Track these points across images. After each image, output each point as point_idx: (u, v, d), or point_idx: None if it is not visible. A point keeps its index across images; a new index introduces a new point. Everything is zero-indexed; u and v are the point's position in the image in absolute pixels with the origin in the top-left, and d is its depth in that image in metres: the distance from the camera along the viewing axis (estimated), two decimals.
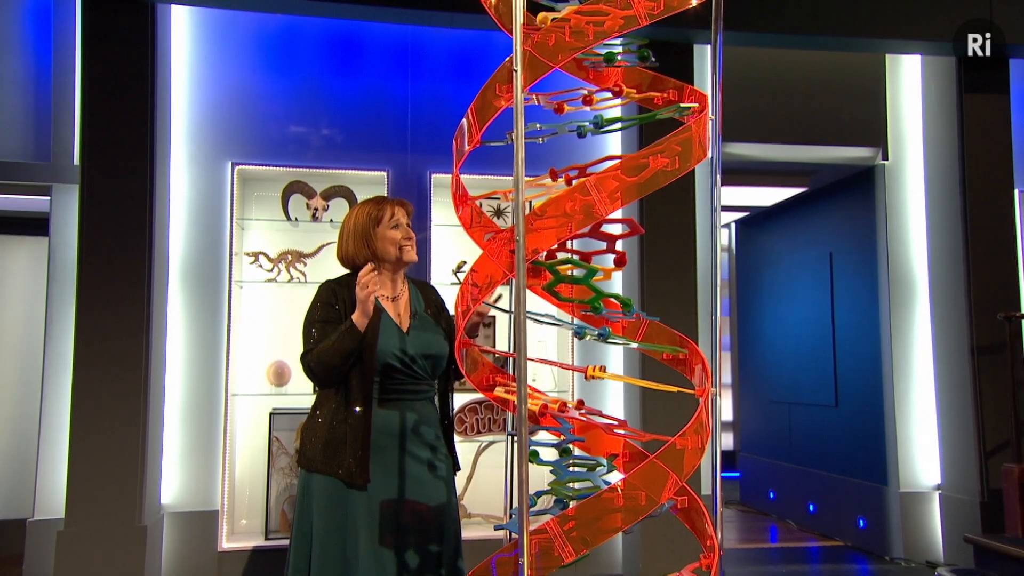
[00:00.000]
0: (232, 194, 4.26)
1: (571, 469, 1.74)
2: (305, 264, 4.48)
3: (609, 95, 2.00)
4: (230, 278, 4.23)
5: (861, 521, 5.27)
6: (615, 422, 1.80)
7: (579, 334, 1.68)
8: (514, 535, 1.92)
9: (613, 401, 4.58)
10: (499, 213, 4.61)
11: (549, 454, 1.81)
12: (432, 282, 4.33)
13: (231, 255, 4.24)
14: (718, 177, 1.75)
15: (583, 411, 1.82)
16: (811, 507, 5.84)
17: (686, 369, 1.86)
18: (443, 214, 4.53)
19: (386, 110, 4.57)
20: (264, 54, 4.50)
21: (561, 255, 1.86)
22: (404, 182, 4.50)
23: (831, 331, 5.63)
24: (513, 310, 1.48)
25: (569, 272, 1.67)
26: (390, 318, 2.46)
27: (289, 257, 4.46)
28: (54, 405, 4.16)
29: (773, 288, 6.47)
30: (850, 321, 5.46)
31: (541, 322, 1.75)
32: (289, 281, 4.42)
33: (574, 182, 1.84)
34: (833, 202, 5.65)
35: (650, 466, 1.52)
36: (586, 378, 1.66)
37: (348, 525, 2.30)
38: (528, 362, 2.47)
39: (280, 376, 4.35)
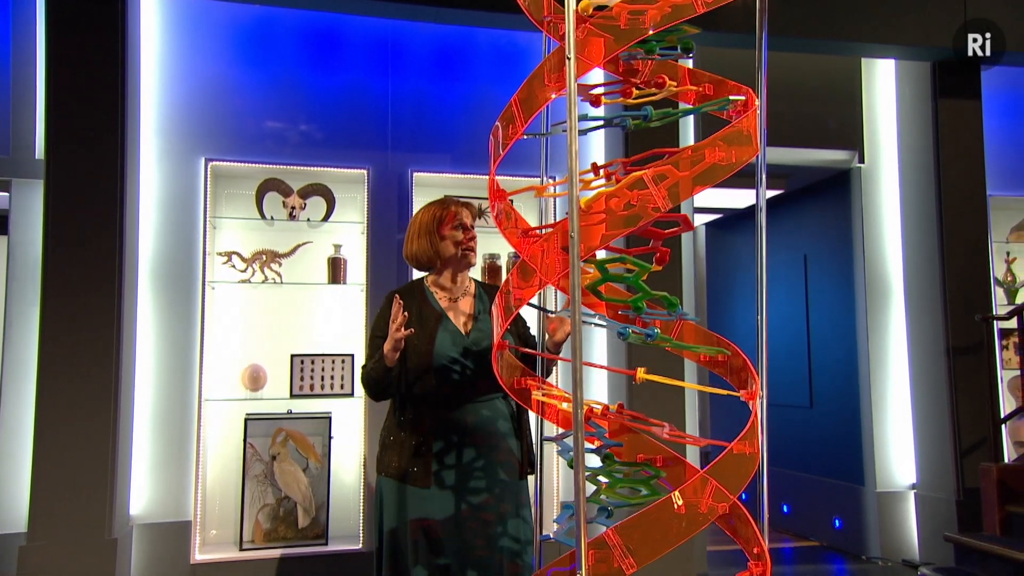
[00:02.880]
0: (206, 191, 4.10)
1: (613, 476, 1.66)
2: (281, 264, 4.33)
3: (625, 88, 1.93)
4: (203, 279, 4.06)
5: (837, 521, 5.32)
6: (663, 426, 1.74)
7: (623, 335, 1.60)
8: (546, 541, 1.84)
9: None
10: (481, 213, 4.52)
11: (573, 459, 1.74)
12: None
13: (204, 255, 4.08)
14: (763, 177, 1.70)
15: (622, 414, 1.76)
16: (785, 508, 5.87)
17: (724, 371, 1.81)
18: None
19: (366, 106, 4.45)
20: (239, 46, 4.34)
21: (600, 253, 1.78)
22: (385, 180, 4.39)
23: (806, 333, 5.68)
24: (571, 312, 1.40)
25: (615, 270, 1.60)
26: (449, 320, 2.49)
27: (264, 257, 4.31)
28: (13, 412, 3.94)
29: (746, 290, 6.50)
30: (825, 323, 5.51)
31: (587, 323, 1.67)
32: (264, 282, 4.27)
33: (612, 177, 1.77)
34: (808, 205, 5.70)
35: (714, 472, 1.45)
36: (635, 381, 1.59)
37: (412, 527, 2.33)
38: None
39: (255, 380, 4.19)
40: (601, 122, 1.66)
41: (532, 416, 2.24)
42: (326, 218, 4.37)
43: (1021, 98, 5.34)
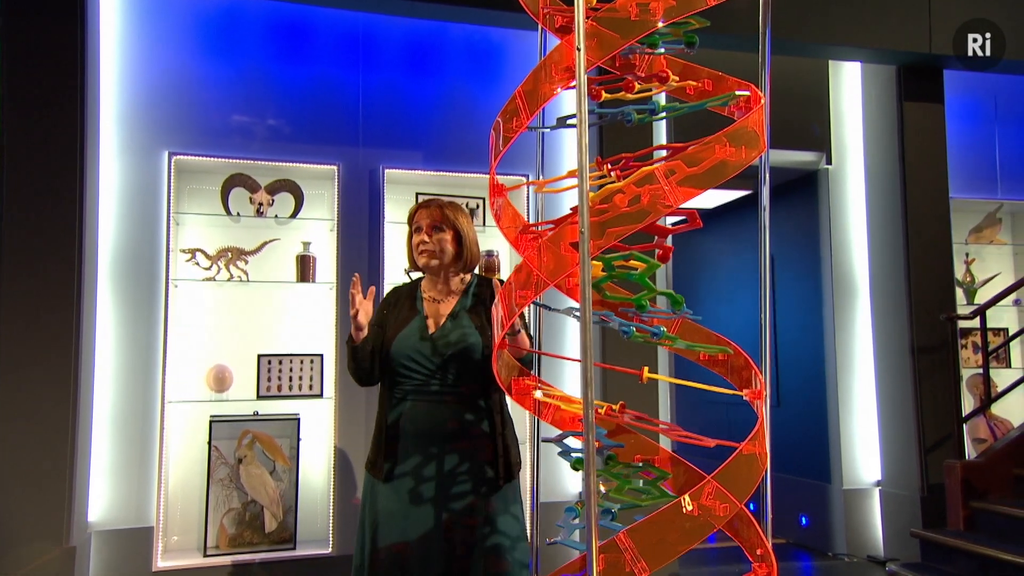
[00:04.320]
0: (169, 186, 3.96)
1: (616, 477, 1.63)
2: (247, 262, 4.22)
3: (627, 82, 1.90)
4: (167, 277, 3.93)
5: (803, 519, 5.38)
6: (665, 426, 1.71)
7: (627, 334, 1.57)
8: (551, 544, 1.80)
9: None
10: (472, 213, 4.46)
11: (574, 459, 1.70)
12: (384, 282, 4.16)
13: (168, 252, 3.94)
14: (767, 175, 1.69)
15: (623, 414, 1.72)
16: (752, 505, 5.91)
17: (724, 370, 1.79)
18: (397, 211, 4.35)
19: (336, 100, 4.36)
20: (205, 36, 4.21)
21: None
22: (356, 177, 4.30)
23: (773, 332, 5.73)
24: (580, 310, 1.36)
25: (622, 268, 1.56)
26: (422, 320, 2.48)
27: (229, 254, 4.19)
28: None
29: (713, 290, 6.55)
30: (792, 322, 5.57)
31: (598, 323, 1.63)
32: (229, 280, 4.15)
33: (613, 173, 1.73)
34: (776, 205, 5.75)
35: (725, 474, 1.43)
36: (641, 380, 1.56)
37: (375, 520, 2.38)
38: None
39: (221, 381, 4.07)
40: (607, 116, 1.62)
41: (526, 417, 2.18)
42: (294, 215, 4.26)
43: (976, 102, 5.45)
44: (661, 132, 4.69)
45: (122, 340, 3.98)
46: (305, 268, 4.21)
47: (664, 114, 1.59)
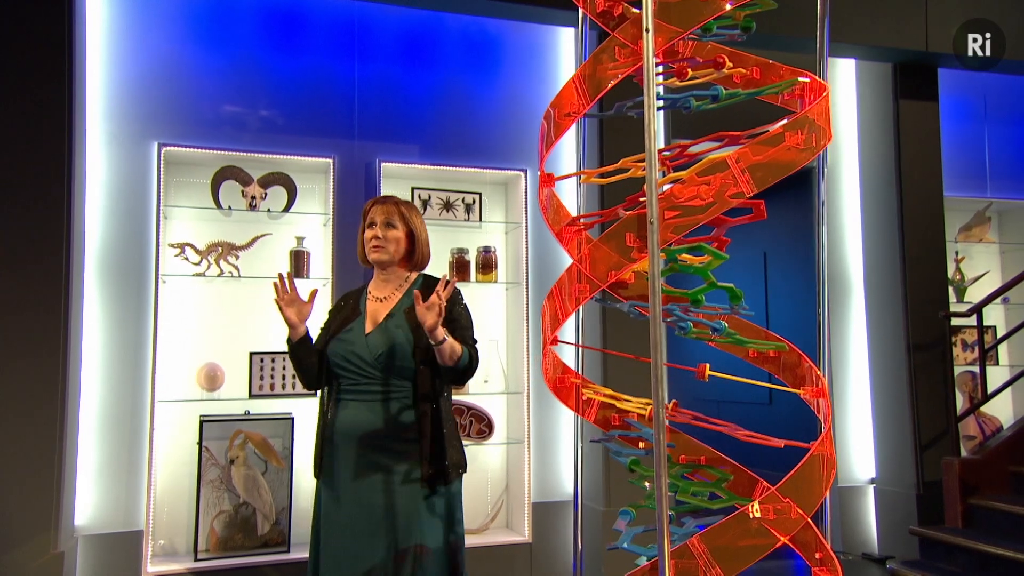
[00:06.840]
0: (159, 178, 3.82)
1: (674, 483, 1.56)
2: (238, 257, 4.09)
3: (666, 70, 1.84)
4: (156, 272, 3.79)
5: None
6: (722, 425, 1.65)
7: (684, 330, 1.51)
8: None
9: None
10: (449, 207, 4.38)
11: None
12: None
13: (158, 246, 3.81)
14: (825, 170, 1.64)
15: (677, 413, 1.66)
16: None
17: (775, 368, 1.73)
18: None
19: (331, 92, 4.25)
20: (196, 23, 4.08)
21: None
22: (350, 170, 4.19)
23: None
24: (650, 305, 1.29)
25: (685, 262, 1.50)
26: (362, 320, 2.51)
27: (220, 249, 4.06)
28: None
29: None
30: (784, 320, 5.56)
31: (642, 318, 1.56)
32: (220, 276, 4.02)
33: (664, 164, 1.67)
34: (768, 202, 5.73)
35: (798, 476, 1.37)
36: (701, 377, 1.50)
37: (318, 520, 2.49)
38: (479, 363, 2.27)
39: (212, 380, 3.94)
40: (667, 102, 1.56)
41: (571, 417, 2.08)
42: (287, 209, 4.14)
43: (965, 102, 5.48)
44: (661, 130, 4.65)
45: (110, 338, 3.85)
46: (299, 263, 4.09)
47: (724, 101, 1.53)
